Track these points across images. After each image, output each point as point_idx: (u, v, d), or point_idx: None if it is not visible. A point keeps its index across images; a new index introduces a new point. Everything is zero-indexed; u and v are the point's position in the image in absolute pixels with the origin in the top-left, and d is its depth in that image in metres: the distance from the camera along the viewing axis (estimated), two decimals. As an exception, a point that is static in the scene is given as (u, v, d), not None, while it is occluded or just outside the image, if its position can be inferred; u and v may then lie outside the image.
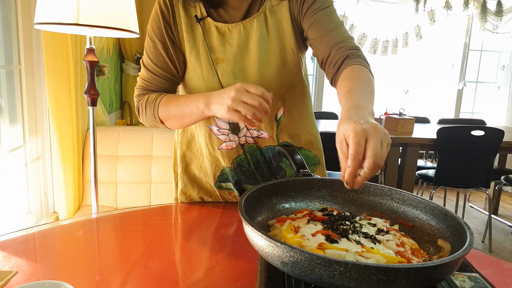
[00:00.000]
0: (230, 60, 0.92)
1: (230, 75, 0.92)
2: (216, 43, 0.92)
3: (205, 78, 0.93)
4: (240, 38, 0.92)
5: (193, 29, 0.93)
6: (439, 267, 0.49)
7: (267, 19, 0.93)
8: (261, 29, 0.92)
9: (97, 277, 0.67)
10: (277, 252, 0.52)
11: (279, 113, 0.99)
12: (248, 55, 0.92)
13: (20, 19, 1.70)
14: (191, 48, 0.93)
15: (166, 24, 0.93)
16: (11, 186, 1.67)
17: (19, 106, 1.74)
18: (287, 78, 0.96)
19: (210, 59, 0.92)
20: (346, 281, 0.48)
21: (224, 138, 0.99)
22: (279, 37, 0.93)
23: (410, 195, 0.75)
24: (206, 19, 0.92)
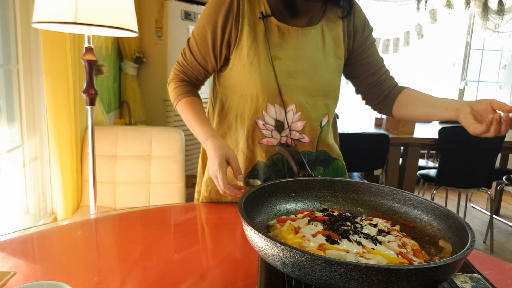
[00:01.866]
0: (287, 59, 0.97)
1: (285, 74, 0.97)
2: (275, 41, 0.96)
3: (262, 73, 0.96)
4: (297, 42, 0.97)
5: (255, 25, 0.96)
6: (441, 268, 0.49)
7: (324, 32, 1.00)
8: (316, 39, 0.99)
9: (95, 278, 0.67)
10: (277, 253, 0.51)
11: (323, 121, 1.04)
12: (302, 59, 0.98)
13: (18, 18, 1.70)
14: (252, 43, 0.96)
15: (227, 15, 0.95)
16: (9, 187, 1.66)
17: (17, 106, 1.74)
18: (333, 89, 1.04)
19: (269, 55, 0.95)
20: (347, 282, 0.48)
21: (267, 133, 1.01)
22: (331, 51, 1.01)
23: (411, 196, 0.74)
24: (270, 18, 0.96)
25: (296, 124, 1.00)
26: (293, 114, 0.99)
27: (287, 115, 0.99)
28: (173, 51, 3.08)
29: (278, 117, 0.99)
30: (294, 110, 0.99)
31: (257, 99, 0.98)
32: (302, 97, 0.98)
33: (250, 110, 1.00)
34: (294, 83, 0.97)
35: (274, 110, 0.99)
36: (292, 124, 1.00)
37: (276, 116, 0.99)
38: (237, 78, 0.99)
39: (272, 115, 0.99)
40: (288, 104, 0.98)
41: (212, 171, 0.88)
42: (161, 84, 3.12)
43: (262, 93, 0.97)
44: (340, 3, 1.01)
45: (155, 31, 3.05)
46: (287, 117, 0.99)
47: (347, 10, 1.01)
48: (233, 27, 0.96)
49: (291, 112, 0.99)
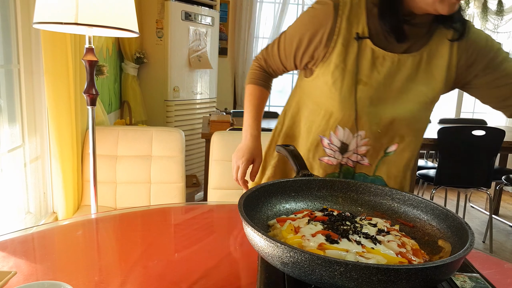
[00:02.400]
0: (372, 85, 0.91)
1: (366, 100, 0.92)
2: (365, 65, 0.91)
3: (342, 94, 0.92)
4: (390, 69, 0.91)
5: (349, 45, 0.91)
6: (440, 268, 0.49)
7: (422, 61, 0.92)
8: (412, 68, 0.92)
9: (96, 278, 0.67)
10: (277, 252, 0.52)
11: (390, 148, 0.98)
12: (390, 87, 0.92)
13: (19, 19, 1.70)
14: (340, 62, 0.91)
15: (320, 29, 0.92)
16: (10, 186, 1.66)
17: (18, 106, 1.74)
18: (415, 122, 0.96)
19: (354, 79, 0.91)
20: (347, 281, 0.48)
21: (330, 153, 0.98)
22: (426, 83, 0.93)
23: (411, 195, 0.74)
24: (366, 40, 0.91)
25: (360, 148, 0.97)
26: (361, 139, 0.95)
27: (355, 139, 0.95)
28: (174, 52, 3.09)
29: (345, 140, 0.96)
30: (363, 136, 0.95)
31: (329, 118, 0.96)
32: (377, 126, 0.94)
33: (319, 126, 0.98)
34: (373, 111, 0.93)
35: (343, 133, 0.95)
36: (358, 148, 0.97)
37: (344, 139, 0.96)
38: (317, 90, 0.97)
39: (339, 137, 0.96)
40: (359, 130, 0.94)
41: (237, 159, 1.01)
42: (161, 84, 3.12)
43: (336, 114, 0.94)
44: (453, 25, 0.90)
45: (156, 32, 3.05)
46: (353, 142, 0.96)
47: (459, 33, 0.91)
48: (323, 42, 0.92)
49: (359, 137, 0.95)
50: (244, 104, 1.09)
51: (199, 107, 3.44)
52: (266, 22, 4.17)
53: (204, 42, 3.33)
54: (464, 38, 0.92)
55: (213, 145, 1.95)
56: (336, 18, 0.91)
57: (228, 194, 1.93)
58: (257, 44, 4.16)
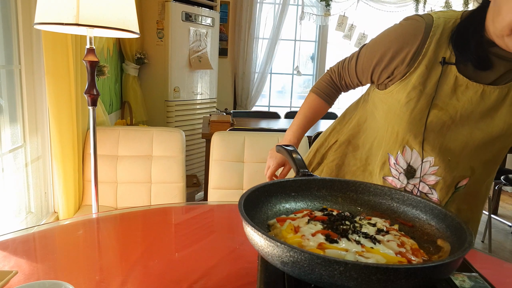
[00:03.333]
0: (448, 111, 0.88)
1: (439, 125, 0.89)
2: (445, 91, 0.87)
3: (412, 116, 0.89)
4: (472, 99, 0.87)
5: (433, 68, 0.88)
6: (439, 267, 0.49)
7: (508, 96, 0.87)
8: (497, 101, 0.87)
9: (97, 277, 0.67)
10: (277, 252, 0.52)
11: (461, 182, 0.94)
12: (467, 117, 0.88)
13: (20, 19, 1.70)
14: (419, 84, 0.88)
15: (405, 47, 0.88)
16: (11, 186, 1.67)
17: (19, 106, 1.74)
18: (488, 155, 0.93)
19: (429, 103, 0.88)
20: (346, 281, 0.48)
21: (395, 173, 0.96)
22: (506, 118, 0.88)
23: (410, 195, 0.75)
24: (451, 65, 0.87)
25: (429, 177, 0.93)
26: (429, 166, 0.92)
27: (422, 164, 0.92)
28: (174, 52, 3.09)
29: (412, 163, 0.93)
30: (432, 163, 0.91)
31: (396, 136, 0.93)
32: (446, 153, 0.90)
33: (388, 143, 0.95)
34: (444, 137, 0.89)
35: (411, 154, 0.92)
36: (425, 176, 0.93)
37: (411, 161, 0.93)
38: (386, 105, 0.95)
39: (406, 159, 0.93)
40: (428, 154, 0.91)
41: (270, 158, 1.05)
42: (162, 84, 3.13)
43: (403, 134, 0.92)
44: None
45: (156, 32, 3.06)
46: (422, 167, 0.92)
47: None
48: (406, 61, 0.88)
49: (427, 163, 0.92)
50: (300, 109, 1.10)
51: (200, 107, 3.45)
52: (266, 23, 4.18)
53: (205, 43, 3.34)
54: None
55: (213, 145, 1.95)
56: (426, 39, 0.87)
57: (228, 194, 1.93)
58: (257, 44, 4.16)
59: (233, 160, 1.95)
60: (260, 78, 4.22)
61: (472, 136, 0.89)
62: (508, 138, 0.91)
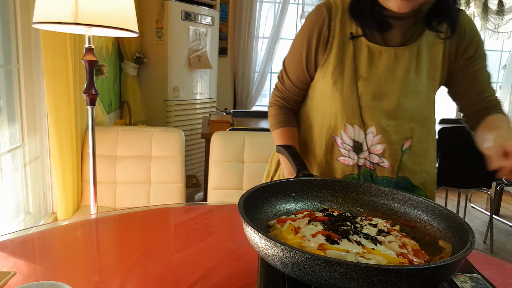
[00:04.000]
0: (372, 80, 0.94)
1: (369, 95, 0.94)
2: (363, 61, 0.94)
3: (344, 93, 0.95)
4: (388, 62, 0.94)
5: (345, 45, 0.95)
6: (441, 268, 0.49)
7: (420, 52, 0.94)
8: (410, 60, 0.94)
9: (96, 278, 0.67)
10: (277, 253, 0.52)
11: (405, 145, 0.98)
12: (392, 80, 0.94)
13: (18, 18, 1.70)
14: (338, 62, 0.95)
15: (319, 36, 0.95)
16: (10, 187, 1.66)
17: (18, 106, 1.74)
18: (421, 112, 0.98)
19: (354, 77, 0.94)
20: (347, 282, 0.48)
21: (344, 152, 0.99)
22: (426, 74, 0.96)
23: (411, 196, 0.74)
24: (360, 38, 0.94)
25: (375, 147, 0.96)
26: (373, 137, 0.96)
27: (366, 137, 0.96)
28: (173, 51, 3.08)
29: (357, 138, 0.97)
30: (374, 133, 0.95)
31: (336, 118, 0.97)
32: (384, 120, 0.95)
33: (329, 127, 0.99)
34: (377, 105, 0.94)
35: (353, 130, 0.97)
36: (372, 147, 0.97)
37: (355, 137, 0.97)
38: (319, 93, 1.00)
39: (350, 135, 0.97)
40: (369, 126, 0.95)
41: None
42: (161, 84, 3.12)
43: (341, 113, 0.96)
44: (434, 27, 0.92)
45: (156, 32, 3.05)
46: (367, 139, 0.96)
47: (449, 33, 0.93)
48: (322, 47, 0.96)
49: (370, 134, 0.96)
50: None
51: (199, 107, 3.44)
52: (266, 22, 4.17)
53: (204, 42, 3.33)
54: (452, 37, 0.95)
55: (213, 145, 1.95)
56: (330, 21, 0.94)
57: (228, 194, 1.93)
58: (257, 44, 4.16)
59: (233, 160, 1.95)
60: (260, 77, 4.22)
61: (403, 98, 0.95)
62: (434, 91, 0.99)
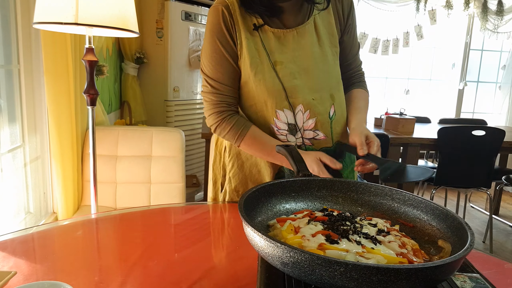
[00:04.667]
0: (288, 61, 1.00)
1: (289, 76, 1.00)
2: (274, 46, 1.00)
3: (267, 80, 0.99)
4: (294, 42, 1.01)
5: (252, 36, 1.00)
6: (440, 268, 0.49)
7: (317, 26, 1.03)
8: (311, 35, 1.02)
9: (96, 278, 0.67)
10: (277, 252, 0.52)
11: (331, 111, 1.05)
12: (303, 57, 1.01)
13: (19, 19, 1.70)
14: (253, 53, 0.99)
15: (228, 31, 0.99)
16: (10, 187, 1.66)
17: (18, 106, 1.74)
18: (335, 77, 1.06)
19: (270, 62, 0.99)
20: (347, 281, 0.48)
21: (283, 138, 1.03)
22: (328, 43, 1.04)
23: (411, 195, 0.74)
24: (263, 26, 1.00)
25: (307, 123, 1.02)
26: (302, 114, 1.01)
27: (296, 116, 1.01)
28: (174, 52, 3.08)
29: (289, 120, 1.01)
30: (303, 110, 1.01)
31: (266, 106, 1.01)
32: (308, 95, 1.01)
33: (263, 117, 1.02)
34: (298, 83, 1.00)
35: (284, 114, 1.01)
36: (304, 123, 1.02)
37: (287, 120, 1.01)
38: (245, 88, 1.03)
39: (283, 120, 1.01)
40: (296, 105, 1.00)
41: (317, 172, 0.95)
42: (161, 84, 3.12)
43: (270, 100, 1.00)
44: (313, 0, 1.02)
45: (156, 32, 3.05)
46: (297, 119, 1.01)
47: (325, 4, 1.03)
48: (230, 43, 0.99)
49: (300, 112, 1.01)
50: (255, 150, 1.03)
51: (199, 107, 3.44)
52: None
53: (204, 42, 3.33)
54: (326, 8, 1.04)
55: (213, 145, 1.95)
56: (231, 17, 0.98)
57: (228, 194, 1.93)
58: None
59: (233, 160, 1.94)
60: (259, 77, 4.21)
61: (317, 71, 1.02)
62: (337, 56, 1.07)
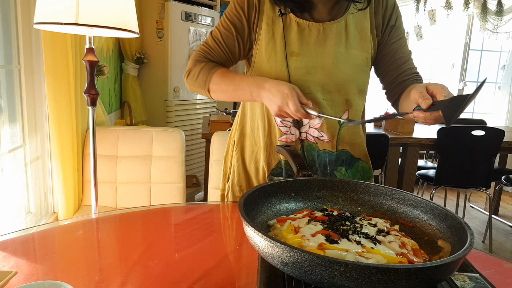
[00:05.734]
0: (305, 55, 0.96)
1: (302, 69, 0.96)
2: (294, 37, 0.96)
3: (278, 69, 0.96)
4: (318, 37, 0.96)
5: (274, 22, 0.97)
6: (440, 268, 0.49)
7: (348, 26, 0.97)
8: (339, 35, 0.97)
9: (96, 278, 0.67)
10: (277, 252, 0.52)
11: (343, 117, 1.00)
12: (323, 54, 0.96)
13: (19, 19, 1.70)
14: (269, 40, 0.97)
15: (249, 11, 0.97)
16: (11, 186, 1.67)
17: (19, 106, 1.74)
18: (356, 85, 1.00)
19: (284, 52, 0.95)
20: (347, 281, 0.48)
21: (285, 130, 1.01)
22: (357, 47, 0.98)
23: (411, 195, 0.75)
24: (289, 14, 0.96)
25: (314, 121, 0.99)
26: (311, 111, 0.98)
27: None
28: (174, 52, 3.09)
29: None
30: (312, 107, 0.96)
31: None
32: (319, 93, 0.97)
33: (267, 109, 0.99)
34: (311, 79, 0.96)
35: None
36: (310, 121, 0.99)
37: None
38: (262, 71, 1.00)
39: None
40: None
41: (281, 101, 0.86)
42: (162, 84, 3.12)
43: None
44: None
45: (156, 32, 3.05)
46: None
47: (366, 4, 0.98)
48: (255, 23, 0.97)
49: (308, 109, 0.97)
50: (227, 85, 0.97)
51: (199, 107, 3.44)
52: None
53: (204, 42, 3.33)
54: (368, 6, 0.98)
55: (213, 145, 1.95)
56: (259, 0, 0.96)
57: (228, 194, 1.93)
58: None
59: (233, 160, 1.95)
60: (259, 78, 4.21)
61: (336, 71, 0.96)
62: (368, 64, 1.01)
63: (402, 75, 1.02)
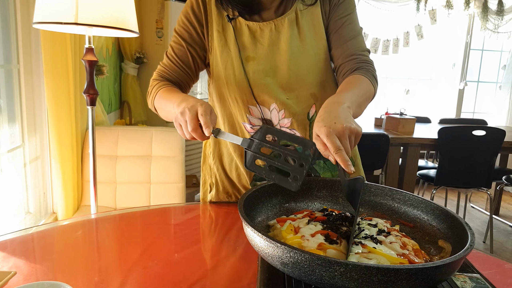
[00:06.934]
0: (261, 58, 0.93)
1: (261, 73, 0.93)
2: (247, 41, 0.93)
3: (236, 76, 0.94)
4: (271, 37, 0.93)
5: (225, 28, 0.94)
6: (440, 268, 0.49)
7: (299, 18, 0.94)
8: (292, 28, 0.94)
9: (96, 278, 0.67)
10: (277, 252, 0.52)
11: (311, 112, 0.98)
12: (279, 53, 0.93)
13: (19, 19, 1.70)
14: (223, 47, 0.94)
15: (196, 22, 0.95)
16: (10, 187, 1.66)
17: (18, 106, 1.74)
18: (319, 76, 0.97)
19: (239, 58, 0.93)
20: (347, 281, 0.48)
21: None
22: (311, 36, 0.95)
23: (411, 196, 0.74)
24: (238, 18, 0.94)
25: (283, 121, 0.96)
26: (277, 112, 0.95)
27: (271, 113, 0.96)
28: (173, 52, 3.08)
29: (264, 115, 0.96)
30: (277, 108, 0.95)
31: (238, 103, 0.96)
32: (282, 94, 0.94)
33: (236, 115, 0.98)
34: (271, 81, 0.94)
35: (258, 109, 0.96)
36: (280, 121, 0.96)
37: (262, 115, 0.96)
38: (217, 83, 0.99)
39: (256, 116, 0.96)
40: (270, 103, 0.95)
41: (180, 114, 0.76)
42: (161, 84, 3.12)
43: (240, 96, 0.95)
44: None
45: (156, 32, 3.05)
46: (272, 116, 0.96)
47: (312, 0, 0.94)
48: (205, 32, 0.95)
49: (274, 110, 0.95)
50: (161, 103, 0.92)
51: (199, 107, 3.44)
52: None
53: (204, 42, 3.33)
54: None
55: (212, 145, 1.95)
56: (205, 7, 0.94)
57: (228, 194, 1.93)
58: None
59: (233, 160, 1.94)
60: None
61: (294, 68, 0.93)
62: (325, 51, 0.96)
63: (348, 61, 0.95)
